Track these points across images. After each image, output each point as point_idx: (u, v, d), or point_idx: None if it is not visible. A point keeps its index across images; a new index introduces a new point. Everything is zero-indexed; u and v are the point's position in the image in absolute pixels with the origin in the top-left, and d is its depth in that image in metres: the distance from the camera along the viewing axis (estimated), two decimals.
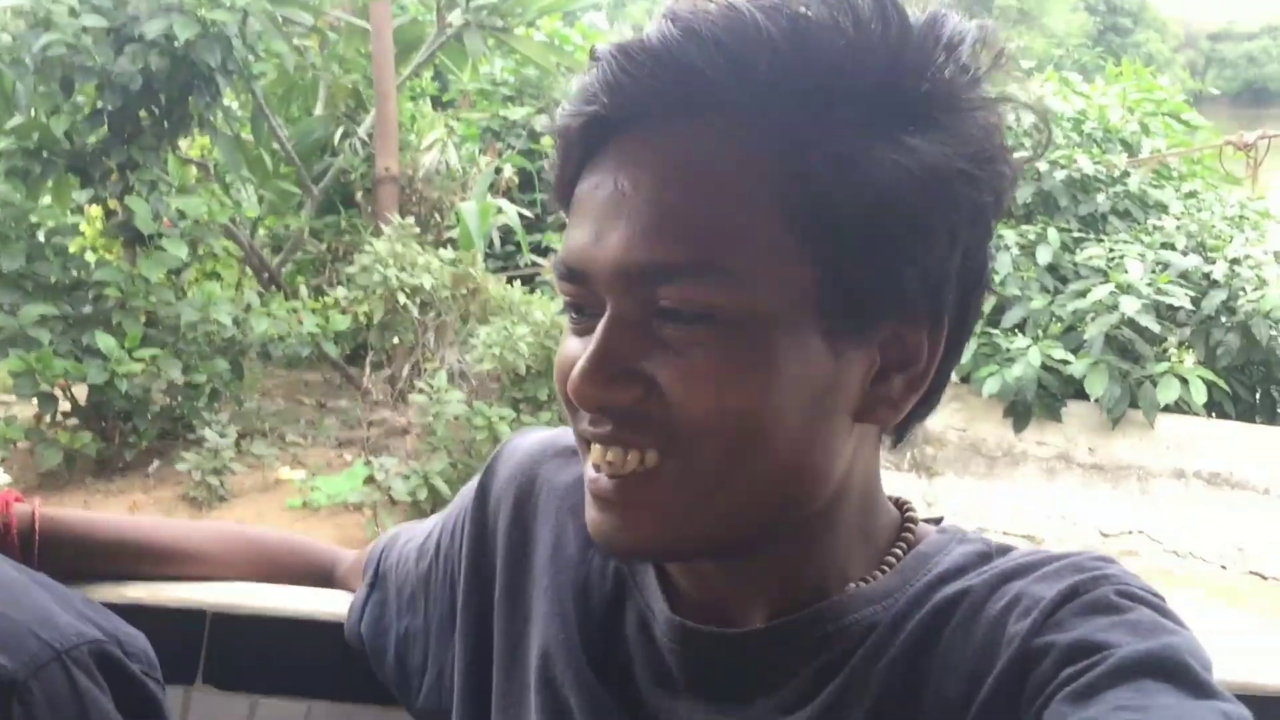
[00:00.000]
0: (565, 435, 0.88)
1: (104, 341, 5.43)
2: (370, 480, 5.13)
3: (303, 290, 6.74)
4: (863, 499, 0.71)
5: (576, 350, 0.66)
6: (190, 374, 5.69)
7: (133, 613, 0.99)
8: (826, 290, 0.63)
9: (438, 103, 7.95)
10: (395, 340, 5.85)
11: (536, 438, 0.90)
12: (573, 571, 0.80)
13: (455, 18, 6.93)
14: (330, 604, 1.06)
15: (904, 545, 0.73)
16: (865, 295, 0.64)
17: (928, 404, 0.70)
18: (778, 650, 0.70)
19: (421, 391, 5.30)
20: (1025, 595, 0.65)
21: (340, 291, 6.06)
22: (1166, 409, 5.61)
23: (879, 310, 0.65)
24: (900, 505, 0.76)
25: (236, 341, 5.88)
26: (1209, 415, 5.80)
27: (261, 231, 7.47)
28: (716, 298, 0.62)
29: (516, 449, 0.90)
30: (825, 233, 0.62)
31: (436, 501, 5.04)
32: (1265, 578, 5.25)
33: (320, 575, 1.11)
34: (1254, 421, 6.03)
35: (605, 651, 0.77)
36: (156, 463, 5.76)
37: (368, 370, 5.96)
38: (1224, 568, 5.32)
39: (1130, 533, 5.49)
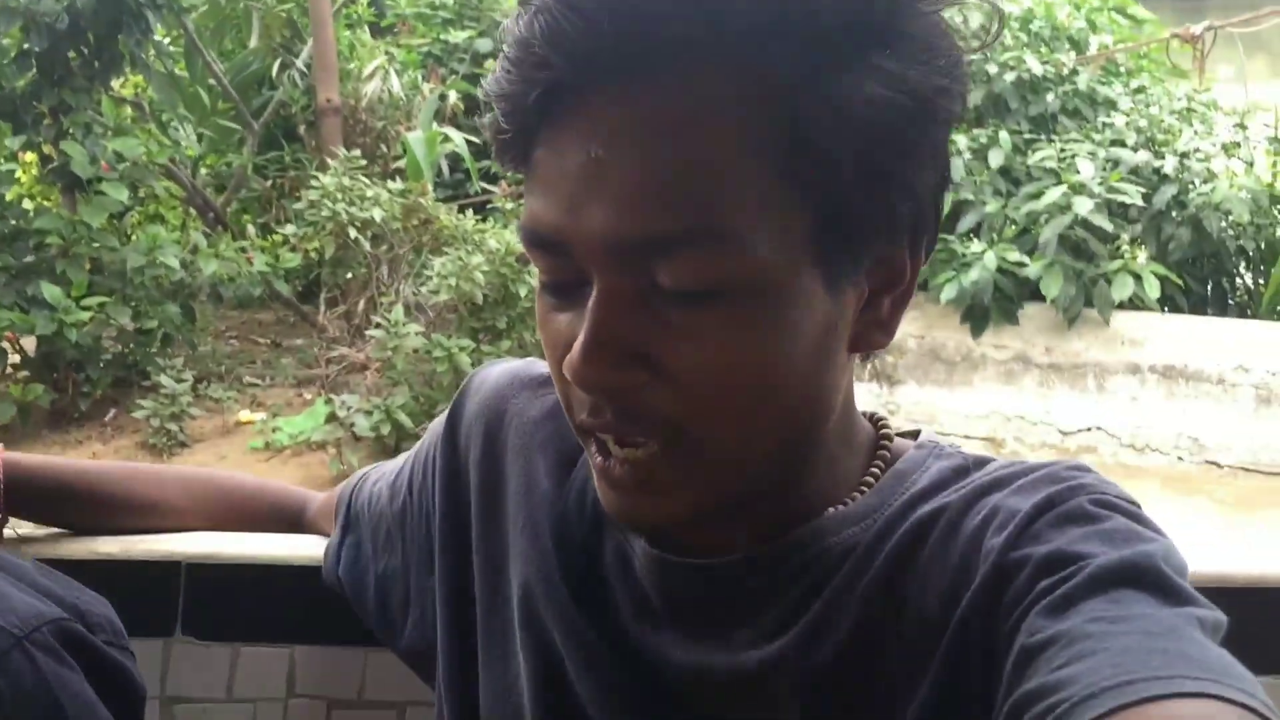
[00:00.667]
0: (534, 365, 0.86)
1: (49, 291, 5.32)
2: (332, 418, 5.10)
3: (250, 229, 6.63)
4: (842, 420, 0.70)
5: (564, 327, 0.63)
6: (140, 320, 5.61)
7: (106, 569, 0.98)
8: (823, 233, 0.61)
9: (376, 29, 7.75)
10: (348, 275, 5.78)
11: (504, 369, 0.88)
12: (549, 507, 0.79)
13: None
14: (307, 548, 1.04)
15: (881, 463, 0.72)
16: (861, 230, 0.62)
17: None
18: (757, 579, 0.70)
19: (379, 326, 5.25)
20: (1002, 509, 0.64)
21: (289, 228, 5.96)
22: (1121, 306, 5.68)
23: (872, 241, 0.63)
24: (874, 420, 0.75)
25: (185, 285, 5.79)
26: (1162, 310, 5.88)
27: (203, 170, 7.31)
28: (719, 269, 0.59)
29: (484, 381, 0.87)
30: (818, 176, 0.60)
31: (400, 436, 5.03)
32: (1221, 466, 5.38)
33: (289, 519, 1.09)
34: (1205, 314, 6.13)
35: (586, 586, 0.76)
36: (113, 411, 5.69)
37: (323, 307, 5.89)
38: (1181, 459, 5.44)
39: (1088, 429, 5.60)
